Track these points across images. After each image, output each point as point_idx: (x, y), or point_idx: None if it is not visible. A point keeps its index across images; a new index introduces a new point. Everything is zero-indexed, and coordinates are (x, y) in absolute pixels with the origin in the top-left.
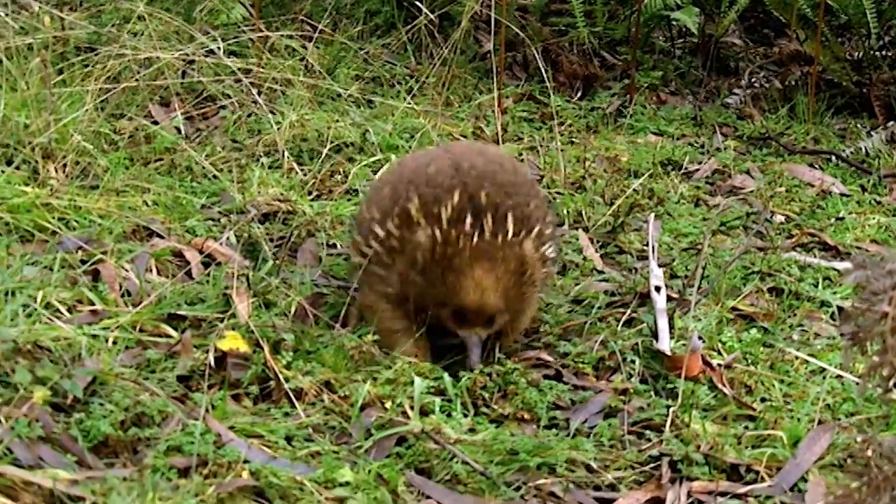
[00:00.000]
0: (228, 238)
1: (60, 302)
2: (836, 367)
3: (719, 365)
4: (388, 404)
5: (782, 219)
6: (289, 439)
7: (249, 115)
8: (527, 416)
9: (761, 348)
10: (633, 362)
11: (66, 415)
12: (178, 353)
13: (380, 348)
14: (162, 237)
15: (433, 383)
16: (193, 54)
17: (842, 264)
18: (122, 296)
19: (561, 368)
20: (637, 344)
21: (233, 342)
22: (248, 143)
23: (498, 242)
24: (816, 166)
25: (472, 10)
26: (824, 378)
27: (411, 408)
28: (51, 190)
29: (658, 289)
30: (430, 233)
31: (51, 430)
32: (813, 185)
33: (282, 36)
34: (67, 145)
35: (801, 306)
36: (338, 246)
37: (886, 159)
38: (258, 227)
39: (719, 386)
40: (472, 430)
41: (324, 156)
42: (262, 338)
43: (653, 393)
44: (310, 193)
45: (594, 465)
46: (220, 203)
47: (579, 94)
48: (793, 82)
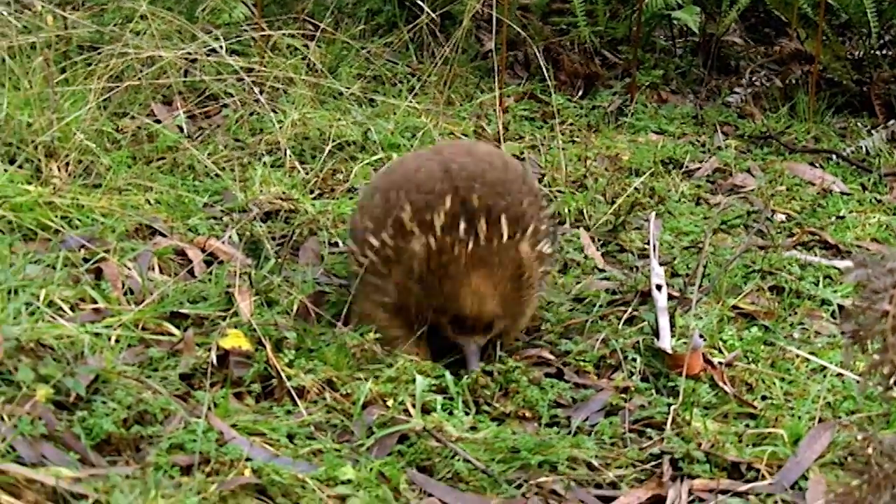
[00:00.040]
0: (231, 236)
1: (63, 300)
2: (836, 366)
3: (720, 363)
4: (390, 402)
5: (783, 217)
6: (291, 437)
7: (251, 114)
8: (528, 414)
9: (762, 346)
10: (634, 360)
11: (69, 413)
12: (181, 351)
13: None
14: (164, 235)
15: (435, 381)
16: (196, 53)
17: (842, 263)
18: (125, 294)
19: (562, 367)
20: (638, 342)
21: (235, 340)
22: (251, 141)
23: (493, 247)
24: (817, 165)
25: (473, 9)
26: (825, 376)
27: (413, 406)
28: (53, 188)
29: (659, 287)
30: (425, 241)
31: (53, 428)
32: (814, 184)
33: (284, 35)
34: (70, 144)
35: (801, 305)
36: (339, 244)
37: (887, 158)
38: (260, 226)
39: (720, 384)
40: (473, 429)
41: (326, 154)
42: (265, 336)
43: (654, 391)
44: (312, 192)
45: (595, 463)
46: (223, 201)
47: (580, 93)
48: (793, 81)
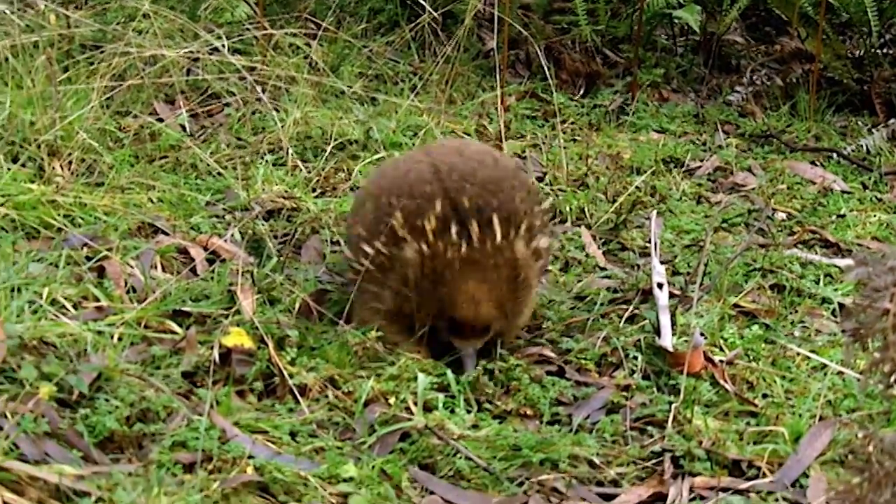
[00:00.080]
0: (233, 235)
1: (66, 298)
2: (837, 364)
3: (721, 361)
4: (392, 400)
5: (784, 216)
6: (293, 435)
7: (254, 113)
8: (529, 412)
9: (763, 345)
10: (635, 359)
11: (72, 410)
12: (183, 349)
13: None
14: (167, 234)
15: (436, 379)
16: (198, 52)
17: (843, 261)
18: (128, 292)
19: (563, 365)
20: (639, 340)
21: (237, 338)
22: (253, 140)
23: (487, 250)
24: (818, 164)
25: (475, 8)
26: (826, 374)
27: (415, 404)
28: (56, 187)
29: (660, 285)
30: (417, 248)
31: (56, 426)
32: (814, 183)
33: (286, 34)
34: (73, 143)
35: (802, 303)
36: (341, 243)
37: (887, 157)
38: (262, 224)
39: (721, 382)
40: (475, 426)
41: (328, 153)
42: (267, 334)
43: (655, 389)
44: (314, 190)
45: (597, 460)
46: (225, 200)
47: (582, 92)
48: (794, 80)
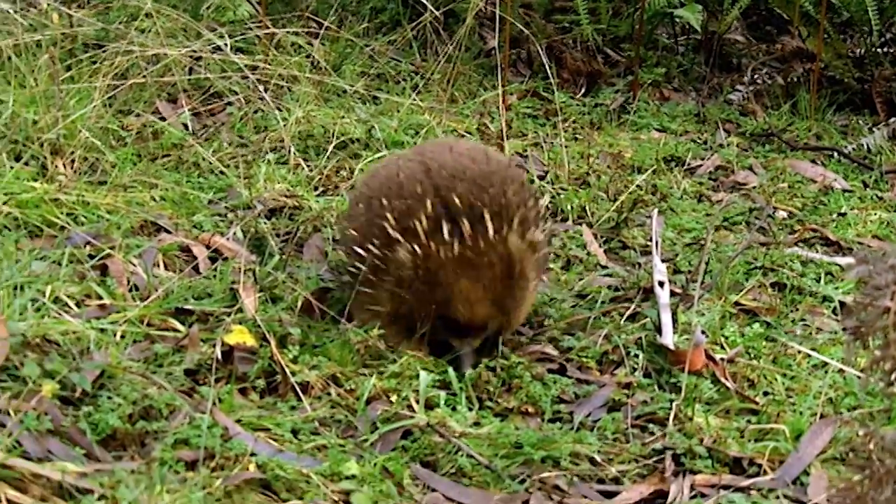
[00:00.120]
0: (235, 233)
1: (69, 296)
2: (838, 362)
3: (722, 359)
4: (394, 398)
5: (785, 214)
6: (295, 433)
7: (256, 112)
8: (531, 409)
9: (764, 343)
10: (636, 356)
11: (75, 408)
12: (186, 347)
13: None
14: (169, 232)
15: (438, 377)
16: (200, 51)
17: (844, 259)
18: (130, 290)
19: (565, 362)
20: (640, 338)
21: (239, 336)
22: (255, 139)
23: (480, 247)
24: (818, 162)
25: (476, 7)
26: (826, 372)
27: (417, 401)
28: (59, 186)
29: (661, 284)
30: (410, 249)
31: (59, 424)
32: (815, 181)
33: (288, 33)
34: (75, 141)
35: (803, 301)
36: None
37: (888, 155)
38: (265, 223)
39: (722, 380)
40: (476, 424)
41: (330, 152)
42: (269, 332)
43: (656, 387)
44: (316, 189)
45: (598, 458)
46: (227, 198)
47: (583, 91)
48: (795, 79)
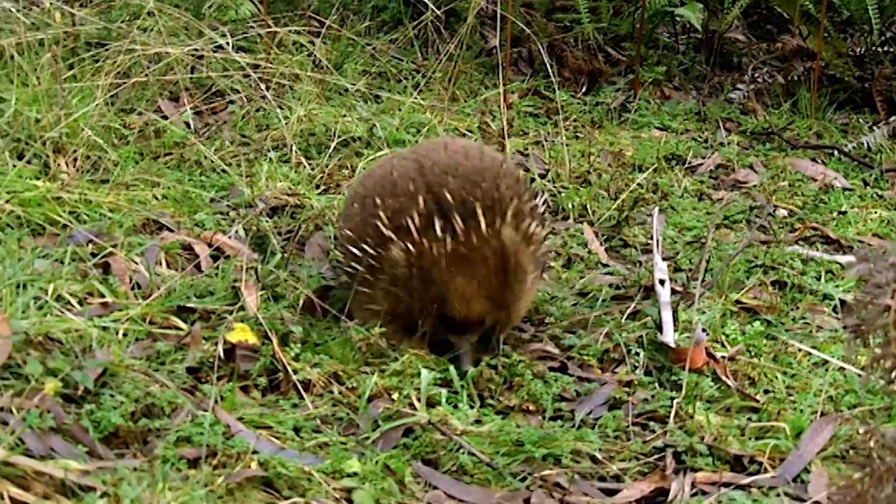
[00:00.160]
0: (237, 231)
1: (71, 294)
2: (838, 360)
3: (723, 357)
4: (396, 396)
5: (785, 213)
6: (297, 430)
7: (258, 110)
8: (532, 407)
9: (764, 341)
10: (637, 354)
11: (77, 406)
12: (188, 345)
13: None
14: (171, 231)
15: (440, 375)
16: (202, 50)
17: (844, 258)
18: (132, 288)
19: (566, 360)
20: (641, 336)
21: (241, 334)
22: (257, 137)
23: (473, 242)
24: (819, 161)
25: (478, 6)
26: (827, 370)
27: (418, 399)
28: (61, 184)
29: (662, 282)
30: (403, 246)
31: (62, 421)
32: (815, 180)
33: (290, 32)
34: (78, 140)
35: (803, 299)
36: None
37: (888, 154)
38: (266, 221)
39: (723, 378)
40: (478, 422)
41: (331, 150)
42: (271, 330)
43: (657, 385)
44: (318, 187)
45: (599, 456)
46: (229, 197)
47: (584, 90)
48: (795, 78)
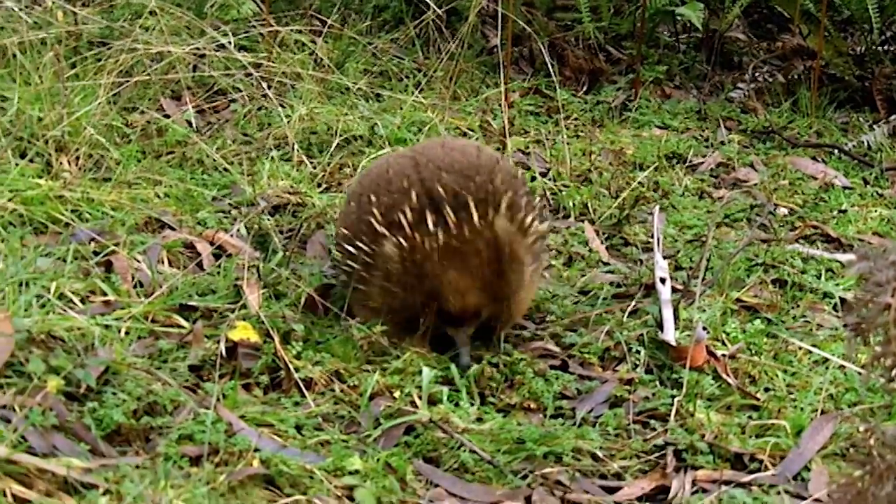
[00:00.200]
0: (239, 230)
1: (73, 293)
2: (839, 358)
3: (723, 355)
4: (397, 394)
5: (785, 211)
6: (299, 428)
7: (259, 109)
8: (533, 405)
9: (765, 339)
10: (638, 353)
11: (80, 404)
12: (190, 343)
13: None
14: (173, 229)
15: (441, 373)
16: (204, 49)
17: (844, 256)
18: (135, 287)
19: (567, 359)
20: (642, 334)
21: (243, 332)
22: (259, 136)
23: (465, 235)
24: (819, 159)
25: (479, 5)
26: (827, 368)
27: (419, 397)
28: (64, 182)
29: (663, 280)
30: (395, 241)
31: (64, 419)
32: (816, 178)
33: (291, 31)
34: (80, 138)
35: (804, 297)
36: None
37: (888, 152)
38: (268, 219)
39: (723, 376)
40: (479, 420)
41: (333, 149)
42: (273, 328)
43: (658, 383)
44: (319, 186)
45: (600, 453)
46: (231, 195)
47: (585, 89)
48: (796, 77)
